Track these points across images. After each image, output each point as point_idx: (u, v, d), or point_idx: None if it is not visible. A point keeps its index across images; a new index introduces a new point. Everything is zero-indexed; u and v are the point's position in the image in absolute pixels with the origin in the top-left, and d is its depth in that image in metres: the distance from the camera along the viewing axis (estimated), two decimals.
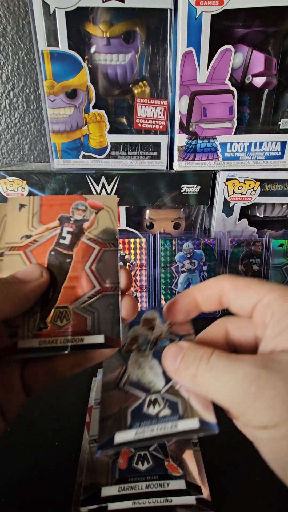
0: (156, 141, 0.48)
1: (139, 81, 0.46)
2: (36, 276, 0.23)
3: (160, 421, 0.20)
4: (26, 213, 0.24)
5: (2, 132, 0.65)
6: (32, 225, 0.24)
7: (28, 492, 0.30)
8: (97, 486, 0.28)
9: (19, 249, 0.24)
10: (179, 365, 0.21)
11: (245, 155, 0.49)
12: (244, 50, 0.45)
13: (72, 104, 0.45)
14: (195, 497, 0.28)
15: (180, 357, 0.21)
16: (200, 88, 0.45)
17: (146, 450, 0.22)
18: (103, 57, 0.45)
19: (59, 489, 0.30)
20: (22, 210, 0.24)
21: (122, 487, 0.28)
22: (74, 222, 0.25)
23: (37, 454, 0.34)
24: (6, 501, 0.30)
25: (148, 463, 0.23)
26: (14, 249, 0.24)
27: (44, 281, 0.23)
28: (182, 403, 0.22)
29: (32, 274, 0.23)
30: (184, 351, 0.21)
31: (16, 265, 0.23)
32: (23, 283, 0.22)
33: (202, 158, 0.49)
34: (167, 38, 0.43)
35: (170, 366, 0.22)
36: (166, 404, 0.22)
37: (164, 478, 0.29)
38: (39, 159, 0.67)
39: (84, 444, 0.34)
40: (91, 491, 0.28)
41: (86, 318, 0.23)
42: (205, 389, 0.20)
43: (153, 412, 0.21)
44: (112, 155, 0.48)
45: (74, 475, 0.31)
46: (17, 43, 0.58)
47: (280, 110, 0.49)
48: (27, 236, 0.24)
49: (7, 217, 0.24)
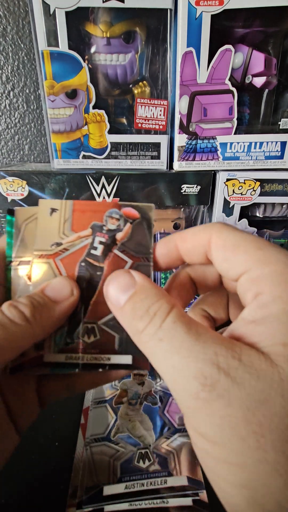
0: (156, 141, 0.48)
1: (139, 81, 0.46)
2: (67, 295, 0.20)
3: (150, 475, 0.20)
4: (58, 218, 0.23)
5: (2, 132, 0.65)
6: (64, 232, 0.23)
7: (20, 495, 0.30)
8: (99, 485, 0.28)
9: (49, 257, 0.22)
10: (125, 305, 0.17)
11: (245, 155, 0.49)
12: (244, 50, 0.45)
13: (72, 104, 0.45)
14: (191, 499, 0.28)
15: (128, 296, 0.17)
16: (200, 88, 0.45)
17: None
18: (103, 57, 0.45)
19: (53, 492, 0.30)
20: (54, 215, 0.23)
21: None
22: (107, 231, 0.23)
23: (32, 457, 0.33)
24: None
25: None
26: (43, 257, 0.22)
27: (75, 300, 0.21)
28: (171, 458, 0.22)
29: (62, 292, 0.20)
30: (136, 288, 0.17)
31: (45, 274, 0.22)
32: (53, 305, 0.20)
33: (202, 158, 0.49)
34: (167, 38, 0.43)
35: (113, 299, 0.18)
36: (156, 459, 0.21)
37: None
38: (39, 159, 0.67)
39: (78, 446, 0.34)
40: (93, 490, 0.28)
41: (114, 336, 0.22)
42: (147, 353, 0.16)
43: (143, 466, 0.21)
44: (112, 155, 0.48)
45: (69, 478, 0.30)
46: (17, 43, 0.58)
47: (280, 110, 0.49)
48: (57, 244, 0.23)
49: (38, 221, 0.23)
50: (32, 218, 0.23)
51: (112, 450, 0.28)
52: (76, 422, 0.36)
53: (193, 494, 0.28)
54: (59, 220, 0.23)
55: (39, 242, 0.22)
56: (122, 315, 0.18)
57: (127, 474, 0.21)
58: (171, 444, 0.27)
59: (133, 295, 0.17)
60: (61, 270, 0.22)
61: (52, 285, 0.21)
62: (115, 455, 0.27)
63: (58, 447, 0.34)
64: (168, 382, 0.15)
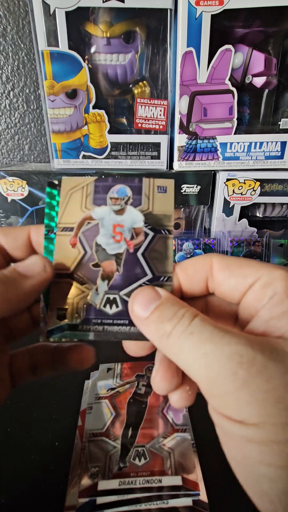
0: (156, 141, 0.48)
1: (139, 81, 0.46)
2: (38, 271, 0.20)
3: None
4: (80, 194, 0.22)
5: (2, 132, 0.65)
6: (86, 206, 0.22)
7: (17, 496, 0.30)
8: (94, 479, 0.28)
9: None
10: (151, 315, 0.17)
11: (245, 155, 0.49)
12: (244, 50, 0.45)
13: (72, 104, 0.45)
14: (191, 499, 0.28)
15: (155, 306, 0.18)
16: (200, 88, 0.45)
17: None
18: (103, 57, 0.45)
19: (49, 494, 0.30)
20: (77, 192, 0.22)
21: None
22: None
23: (29, 458, 0.33)
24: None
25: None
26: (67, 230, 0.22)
27: (47, 277, 0.20)
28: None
29: (34, 267, 0.20)
30: (162, 300, 0.18)
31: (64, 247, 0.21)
32: (22, 279, 0.19)
33: (202, 158, 0.49)
34: (167, 38, 0.43)
35: (138, 311, 0.18)
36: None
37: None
38: (39, 159, 0.67)
39: (76, 448, 0.33)
40: (88, 484, 0.28)
41: (162, 457, 0.25)
42: (175, 353, 0.16)
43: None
44: (112, 155, 0.48)
45: (66, 479, 0.30)
46: (17, 43, 0.58)
47: (280, 110, 0.49)
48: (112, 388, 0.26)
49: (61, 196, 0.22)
50: (77, 188, 0.22)
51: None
52: (74, 422, 0.36)
53: (192, 494, 0.28)
54: (82, 196, 0.22)
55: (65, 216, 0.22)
56: (148, 324, 0.18)
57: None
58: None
59: (159, 305, 0.18)
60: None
61: (25, 262, 0.20)
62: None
63: (58, 447, 0.34)
64: (198, 373, 0.15)
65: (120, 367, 0.38)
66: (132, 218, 0.21)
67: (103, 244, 0.21)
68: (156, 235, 0.21)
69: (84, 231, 0.22)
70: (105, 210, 0.22)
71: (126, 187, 0.22)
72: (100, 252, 0.21)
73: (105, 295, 0.21)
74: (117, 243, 0.21)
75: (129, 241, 0.21)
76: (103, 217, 0.22)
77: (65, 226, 0.22)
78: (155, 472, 0.26)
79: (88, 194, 0.22)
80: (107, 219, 0.22)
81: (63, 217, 0.22)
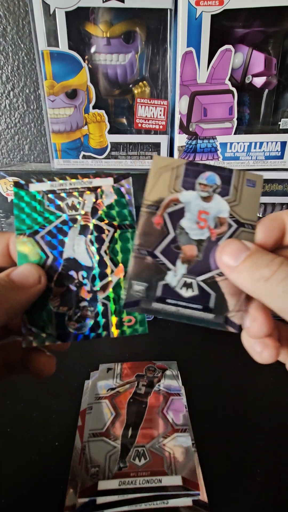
0: (156, 141, 0.48)
1: (139, 81, 0.46)
2: (34, 282, 0.20)
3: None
4: (170, 175, 0.22)
5: (2, 132, 0.65)
6: (174, 188, 0.22)
7: (17, 496, 0.30)
8: (94, 479, 0.28)
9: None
10: (243, 263, 0.19)
11: (245, 155, 0.49)
12: (244, 50, 0.45)
13: (72, 104, 0.45)
14: (191, 499, 0.28)
15: (245, 255, 0.19)
16: (200, 88, 0.45)
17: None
18: (103, 57, 0.45)
19: (49, 494, 0.30)
20: (166, 173, 0.23)
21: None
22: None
23: (29, 458, 0.33)
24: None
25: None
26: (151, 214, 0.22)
27: (41, 288, 0.20)
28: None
29: (29, 278, 0.20)
30: (252, 250, 0.19)
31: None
32: (19, 290, 0.20)
33: (202, 158, 0.49)
34: (167, 38, 0.43)
35: (228, 260, 0.19)
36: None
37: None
38: (39, 159, 0.67)
39: (76, 448, 0.33)
40: (88, 484, 0.28)
41: (162, 457, 0.25)
42: (270, 294, 0.18)
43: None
44: (112, 155, 0.48)
45: (66, 479, 0.30)
46: (17, 43, 0.58)
47: (280, 110, 0.49)
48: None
49: (150, 175, 0.23)
50: (168, 168, 0.22)
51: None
52: (74, 423, 0.36)
53: (191, 494, 0.28)
54: (171, 176, 0.22)
55: (152, 194, 0.22)
56: (240, 271, 0.19)
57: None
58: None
59: (251, 254, 0.19)
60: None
61: (19, 271, 0.20)
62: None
63: (58, 447, 0.34)
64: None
65: (120, 367, 0.38)
66: (218, 207, 0.22)
67: (186, 228, 0.22)
68: (239, 228, 0.21)
69: (169, 212, 0.22)
70: (193, 195, 0.22)
71: (216, 175, 0.22)
72: (183, 236, 0.21)
73: (183, 278, 0.21)
74: (200, 229, 0.22)
75: (213, 229, 0.21)
76: (190, 202, 0.22)
77: (151, 203, 0.22)
78: (155, 472, 0.26)
79: (178, 176, 0.22)
80: (194, 204, 0.22)
81: (150, 194, 0.22)
